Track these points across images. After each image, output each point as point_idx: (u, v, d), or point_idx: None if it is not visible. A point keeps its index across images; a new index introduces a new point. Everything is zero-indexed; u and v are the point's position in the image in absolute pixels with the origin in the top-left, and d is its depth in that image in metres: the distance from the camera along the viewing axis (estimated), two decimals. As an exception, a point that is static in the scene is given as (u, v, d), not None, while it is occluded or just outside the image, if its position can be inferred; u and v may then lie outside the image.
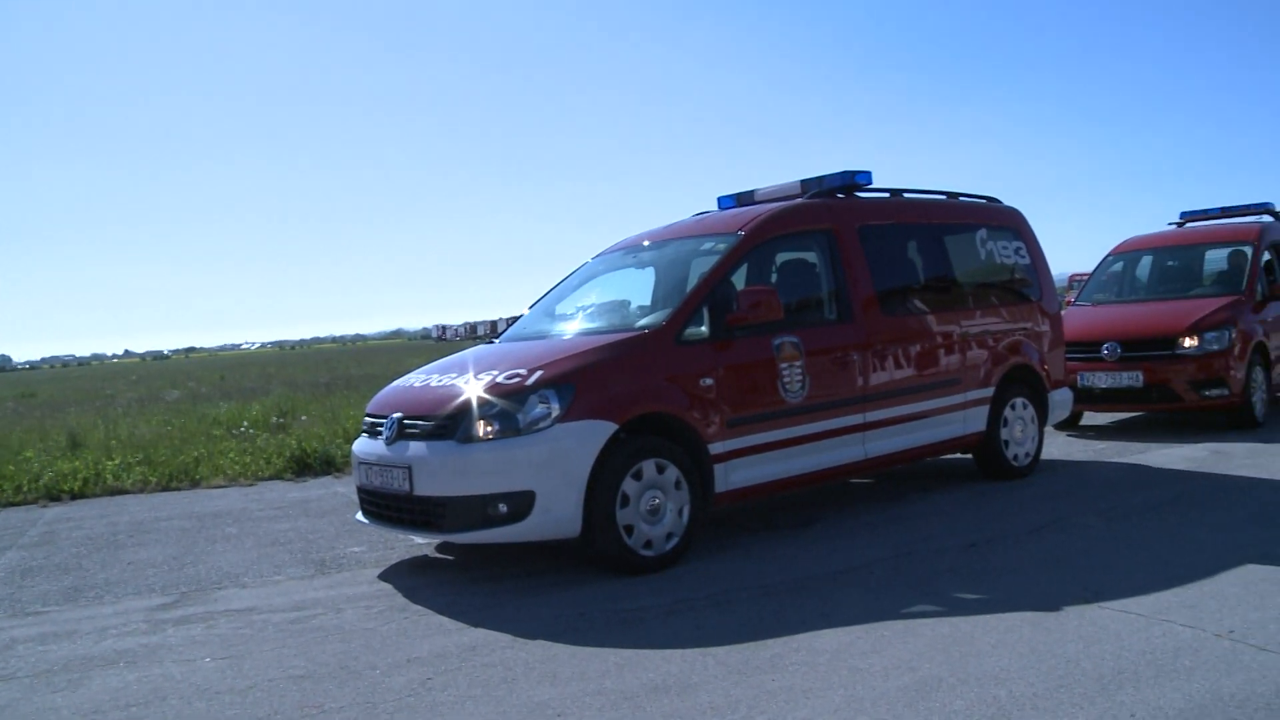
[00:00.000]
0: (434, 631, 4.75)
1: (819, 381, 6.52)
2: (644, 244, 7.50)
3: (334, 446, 10.92)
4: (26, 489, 9.56)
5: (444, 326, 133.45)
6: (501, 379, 5.70)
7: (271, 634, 4.85)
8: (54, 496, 9.51)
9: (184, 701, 4.01)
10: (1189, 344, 9.62)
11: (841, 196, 7.39)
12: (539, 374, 5.64)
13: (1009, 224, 8.49)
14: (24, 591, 5.99)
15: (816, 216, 7.06)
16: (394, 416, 5.90)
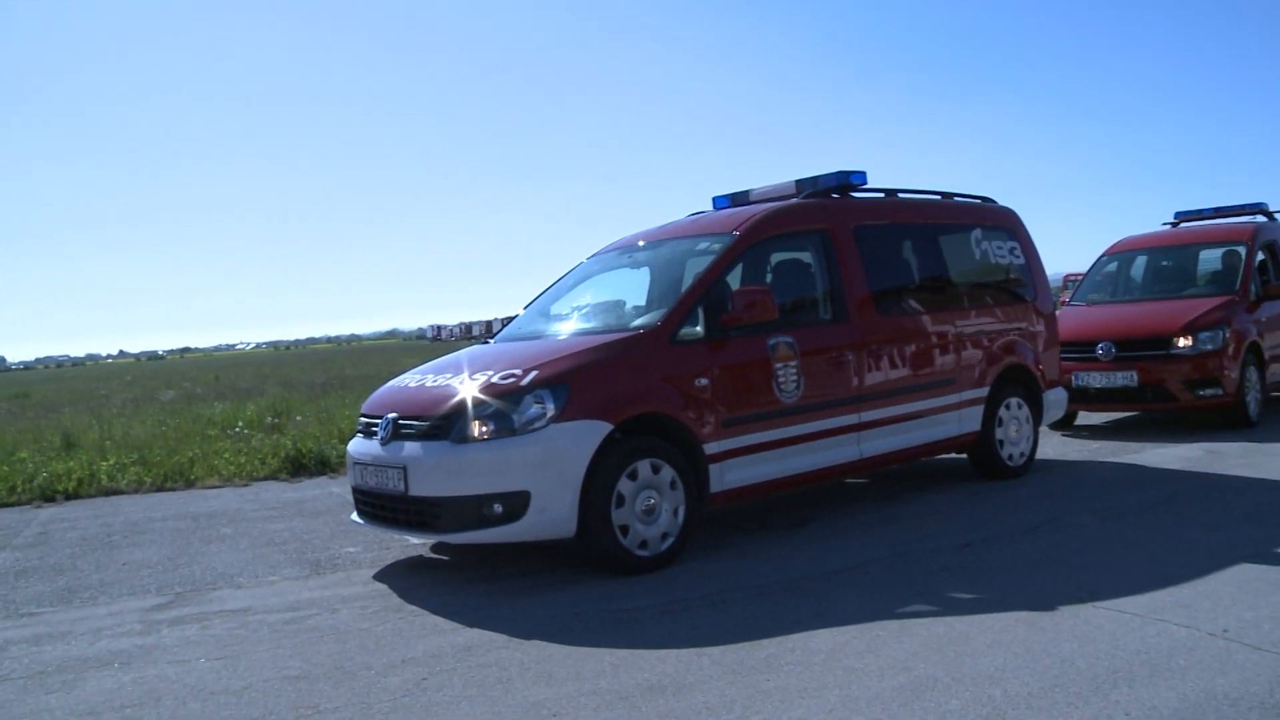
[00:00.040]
0: (429, 632, 4.75)
1: (814, 381, 6.52)
2: (639, 244, 7.50)
3: (329, 447, 10.91)
4: (21, 489, 9.54)
5: (439, 327, 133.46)
6: (497, 379, 5.70)
7: (267, 634, 4.85)
8: (48, 497, 9.49)
9: (179, 702, 4.00)
10: (1183, 344, 9.65)
11: (836, 196, 7.39)
12: (534, 374, 5.64)
13: (1004, 224, 8.51)
14: (18, 592, 5.98)
15: (811, 216, 7.06)
16: (389, 417, 5.89)
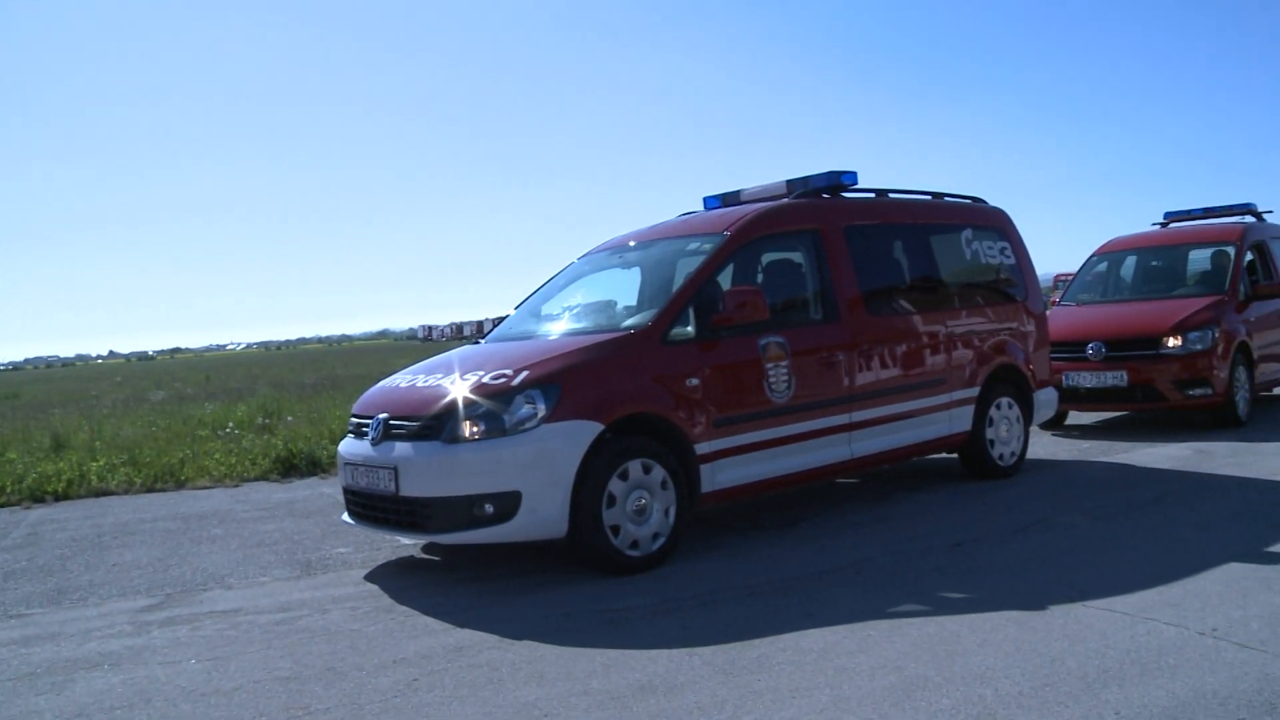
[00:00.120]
0: (420, 632, 4.74)
1: (805, 381, 6.53)
2: (630, 244, 7.50)
3: (320, 447, 10.89)
4: (10, 490, 9.50)
5: (430, 327, 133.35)
6: (487, 379, 5.69)
7: (257, 635, 4.84)
8: (38, 498, 9.45)
9: (169, 703, 3.99)
10: (1173, 344, 9.67)
11: (827, 196, 7.40)
12: (525, 374, 5.63)
13: (994, 224, 8.52)
14: (7, 594, 5.95)
15: (802, 217, 7.07)
16: (380, 417, 5.88)
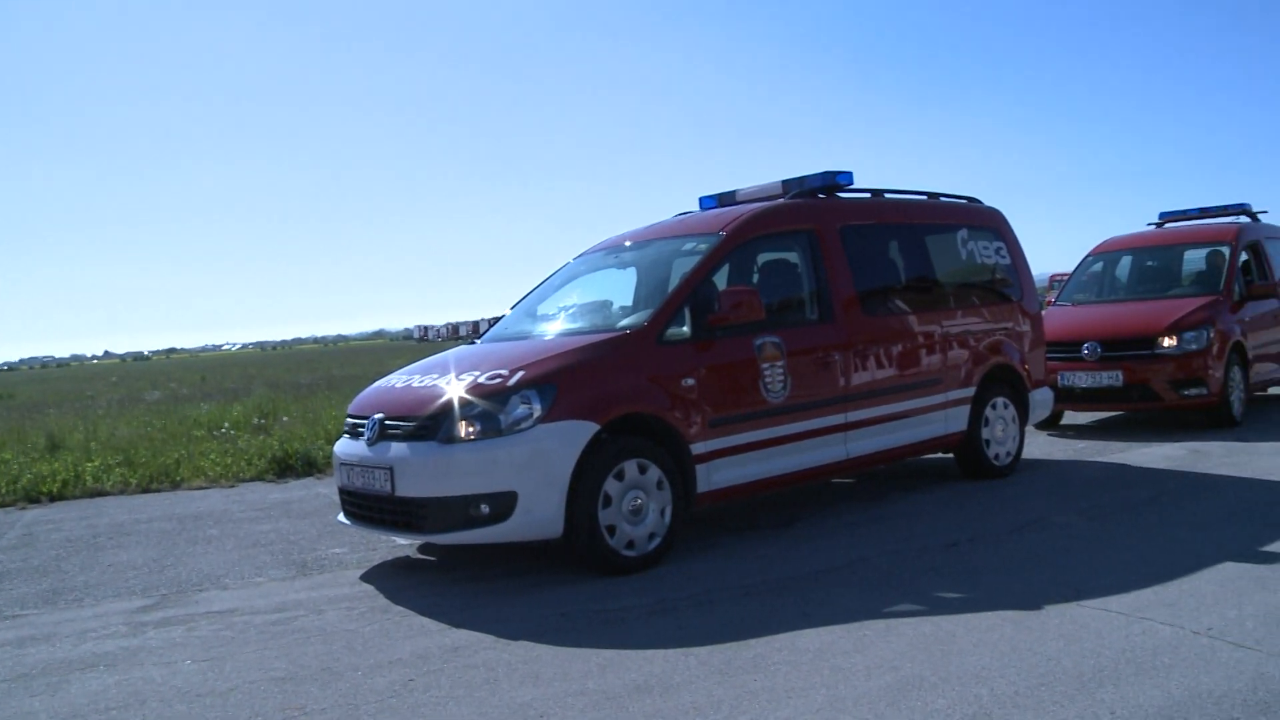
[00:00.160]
0: (416, 633, 4.74)
1: (800, 381, 6.53)
2: (625, 244, 7.50)
3: (315, 447, 10.88)
4: (4, 491, 9.47)
5: (426, 327, 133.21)
6: (483, 379, 5.69)
7: (253, 636, 4.83)
8: (33, 498, 9.44)
9: (164, 704, 3.98)
10: (1168, 344, 9.69)
11: (823, 197, 7.40)
12: (521, 374, 5.63)
13: (990, 224, 8.53)
14: (1, 595, 5.94)
15: (798, 217, 7.07)
16: (375, 417, 5.88)
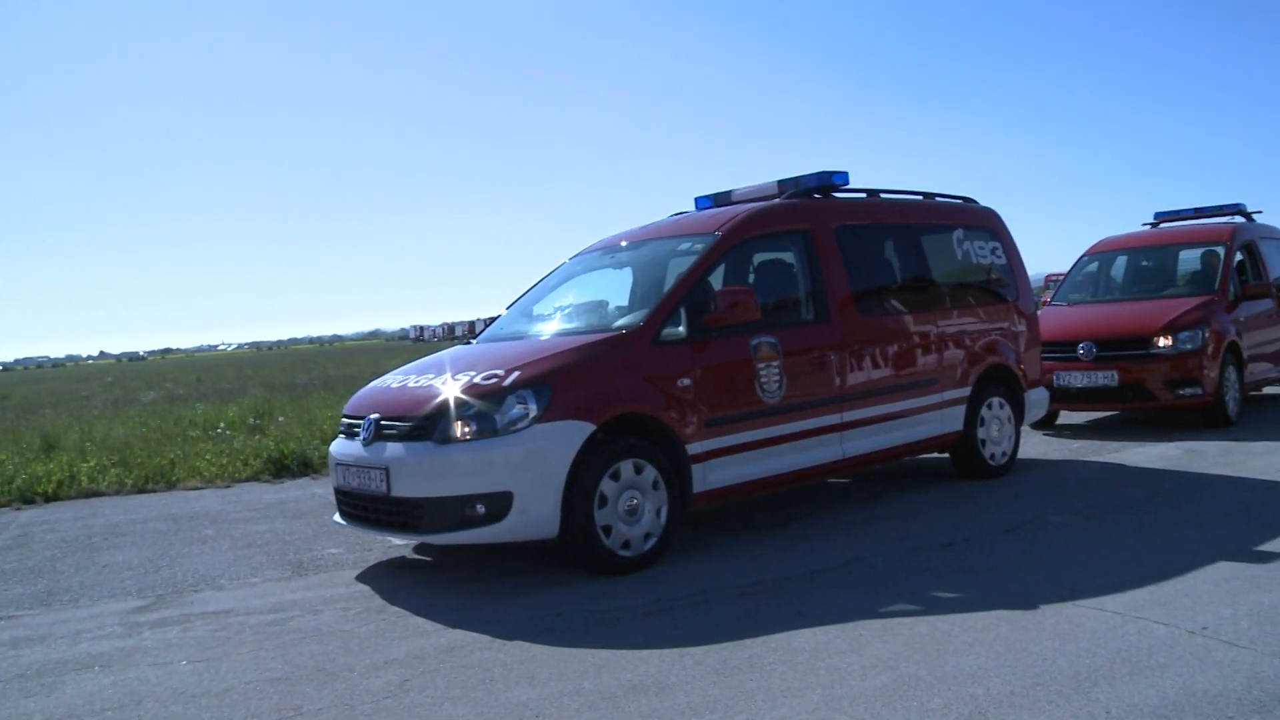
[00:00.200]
0: (412, 633, 4.73)
1: (796, 382, 6.53)
2: (621, 244, 7.50)
3: (311, 448, 10.86)
4: (0, 491, 9.46)
5: (422, 327, 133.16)
6: (479, 380, 5.69)
7: (248, 636, 4.83)
8: (28, 499, 9.41)
9: (160, 705, 3.98)
10: (1163, 344, 9.70)
11: (818, 197, 7.41)
12: (516, 374, 5.63)
13: (985, 224, 8.54)
14: (-3, 595, 5.94)
15: (793, 217, 7.07)
16: (371, 417, 5.87)
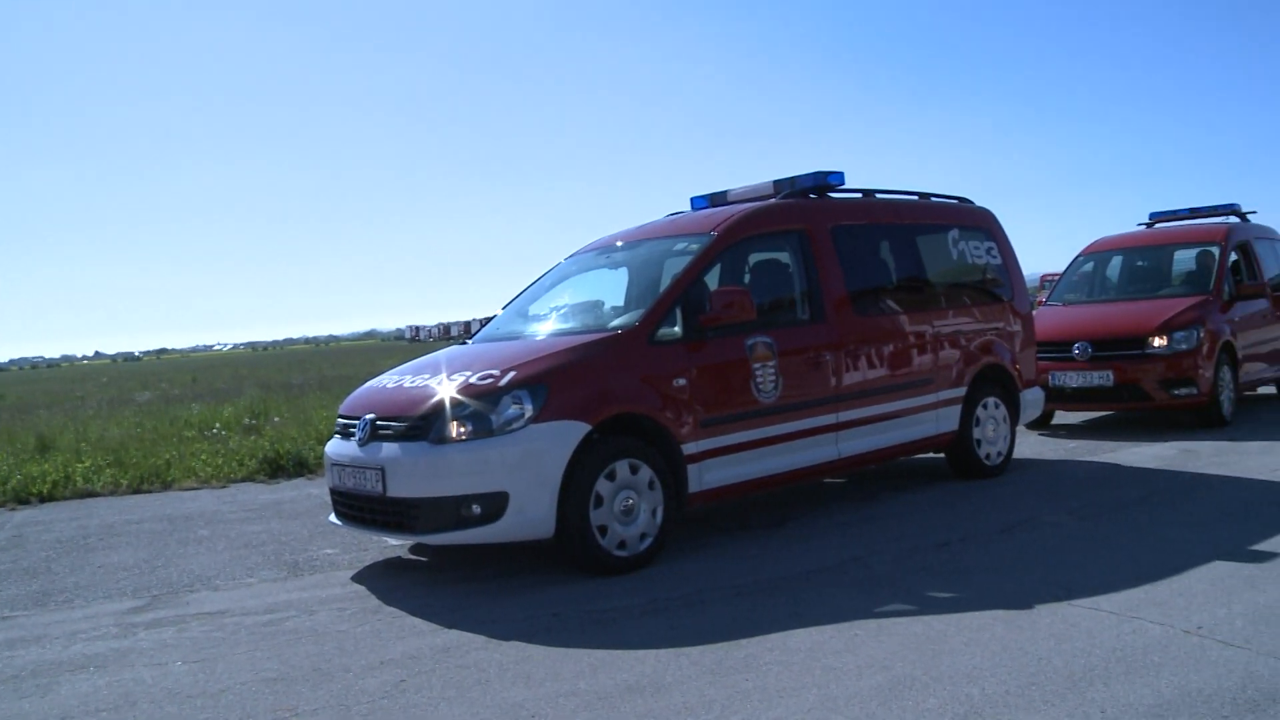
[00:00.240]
0: (408, 633, 4.73)
1: (792, 381, 6.54)
2: (617, 244, 7.50)
3: (307, 448, 10.86)
4: (-7, 492, 9.45)
5: (418, 327, 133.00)
6: (475, 380, 5.69)
7: (244, 637, 4.82)
8: (22, 499, 9.39)
9: (155, 705, 3.97)
10: (1158, 344, 9.71)
11: (814, 197, 7.41)
12: (512, 375, 5.63)
13: (981, 224, 8.55)
14: (-9, 596, 5.93)
15: (789, 217, 7.08)
16: (367, 418, 5.87)
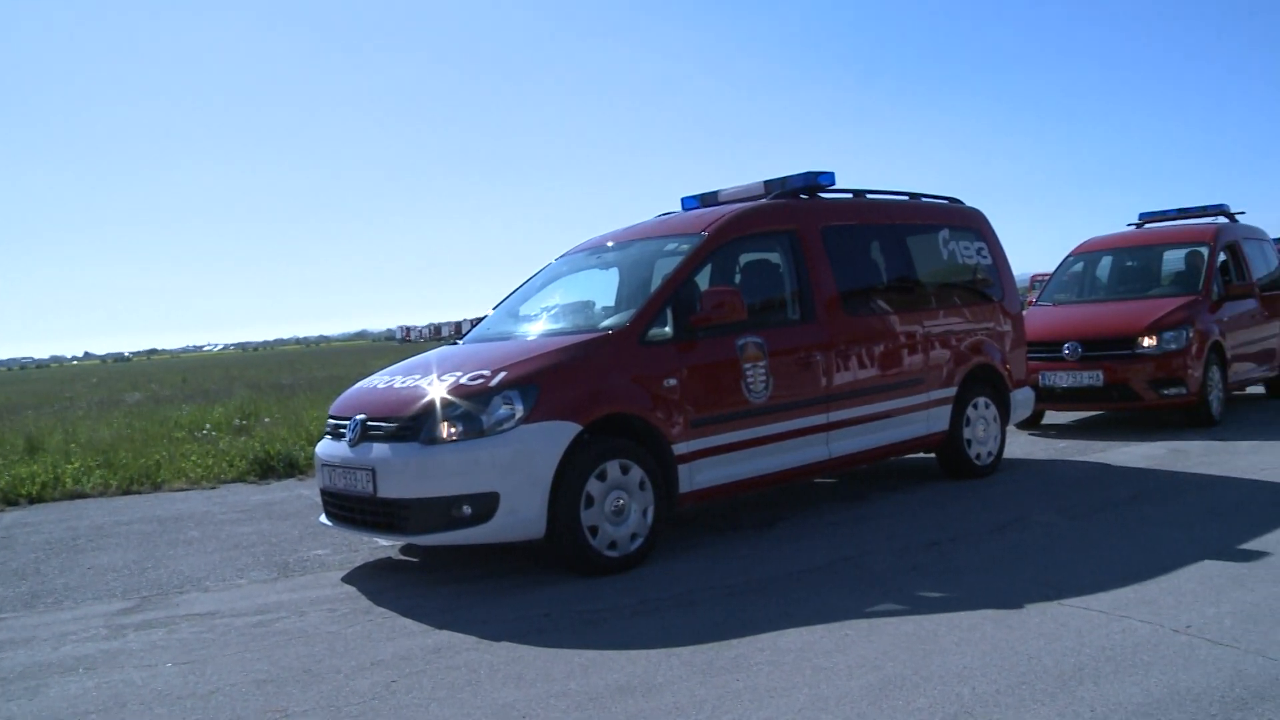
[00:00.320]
0: (398, 634, 4.73)
1: (782, 382, 6.54)
2: (608, 245, 7.50)
3: (297, 449, 10.84)
4: (-18, 493, 9.41)
5: (408, 328, 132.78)
6: (465, 380, 5.68)
7: (234, 638, 4.81)
8: (11, 501, 9.36)
9: (144, 707, 3.96)
10: (1148, 343, 9.75)
11: (804, 197, 7.42)
12: (503, 375, 5.62)
13: (971, 224, 8.57)
14: (-20, 598, 5.90)
15: (779, 217, 7.08)
16: (357, 418, 5.86)
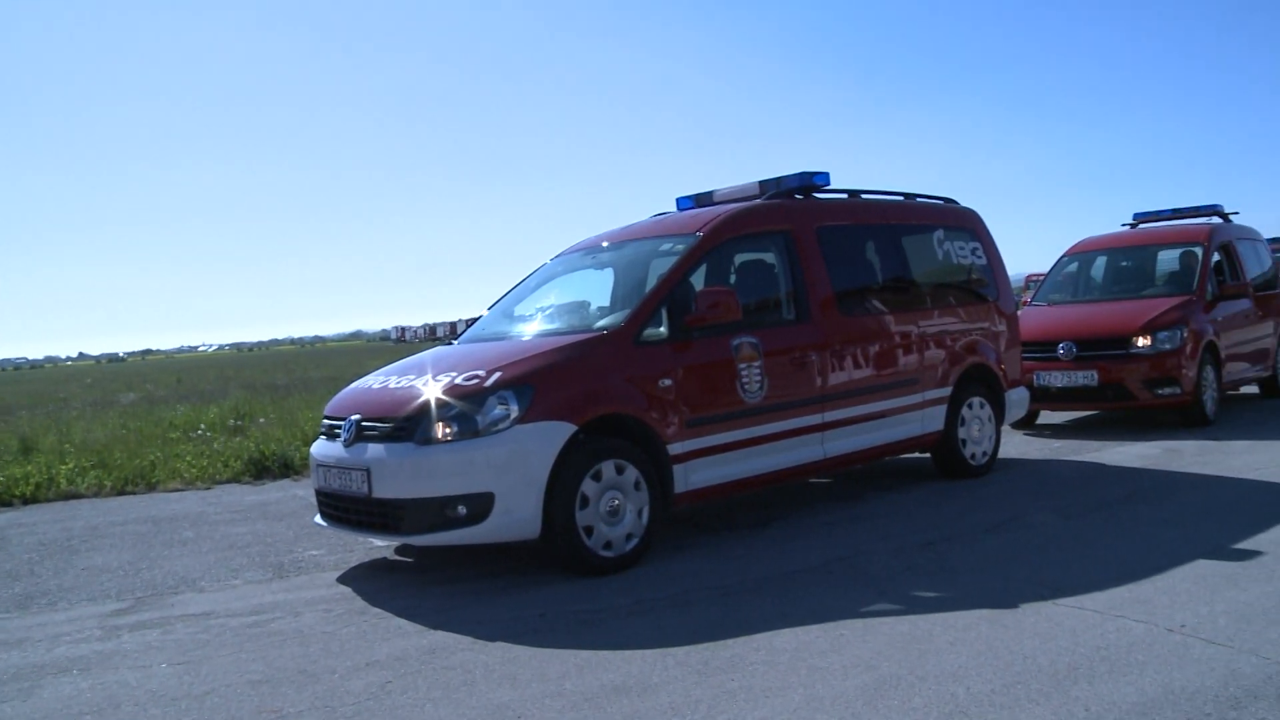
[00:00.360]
0: (393, 634, 4.72)
1: (777, 382, 6.55)
2: (603, 245, 7.50)
3: (292, 449, 10.83)
4: (-23, 494, 9.39)
5: (403, 328, 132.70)
6: (460, 380, 5.68)
7: (229, 639, 4.81)
8: (5, 501, 9.33)
9: (139, 708, 3.96)
10: (1142, 343, 9.77)
11: (799, 197, 7.42)
12: (498, 375, 5.62)
13: (966, 224, 8.57)
14: (-26, 599, 5.89)
15: (774, 217, 7.09)
16: (352, 418, 5.86)
